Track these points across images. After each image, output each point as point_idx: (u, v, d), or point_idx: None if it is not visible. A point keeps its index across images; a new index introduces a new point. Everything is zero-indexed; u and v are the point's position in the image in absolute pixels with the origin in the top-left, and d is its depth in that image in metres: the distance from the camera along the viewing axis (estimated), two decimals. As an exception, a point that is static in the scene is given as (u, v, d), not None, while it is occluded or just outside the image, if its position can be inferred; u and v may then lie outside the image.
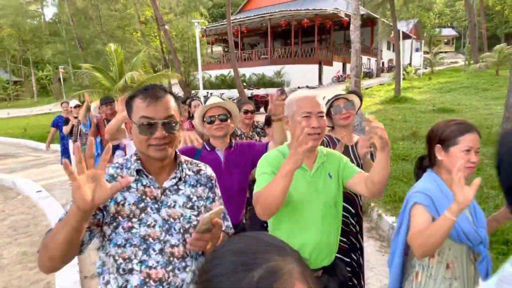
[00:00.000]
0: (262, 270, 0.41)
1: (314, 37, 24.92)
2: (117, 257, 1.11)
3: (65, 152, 6.33)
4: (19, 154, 10.56)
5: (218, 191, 1.37)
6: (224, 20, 21.87)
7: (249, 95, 15.48)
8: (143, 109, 1.13)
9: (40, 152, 10.63)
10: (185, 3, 18.83)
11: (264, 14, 24.68)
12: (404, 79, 18.66)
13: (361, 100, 4.39)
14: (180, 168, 1.24)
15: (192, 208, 1.22)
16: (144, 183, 1.17)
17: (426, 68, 26.58)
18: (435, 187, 1.46)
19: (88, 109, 4.89)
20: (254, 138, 3.47)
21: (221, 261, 0.46)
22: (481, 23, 31.46)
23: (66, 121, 5.89)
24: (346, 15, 21.89)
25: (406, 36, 30.18)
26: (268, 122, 2.97)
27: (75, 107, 5.90)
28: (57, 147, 10.06)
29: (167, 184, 1.20)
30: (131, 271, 1.11)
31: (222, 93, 16.80)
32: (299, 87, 22.72)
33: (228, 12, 15.24)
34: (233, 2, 39.90)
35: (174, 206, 1.18)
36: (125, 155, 4.08)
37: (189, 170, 1.29)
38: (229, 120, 2.04)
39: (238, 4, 37.62)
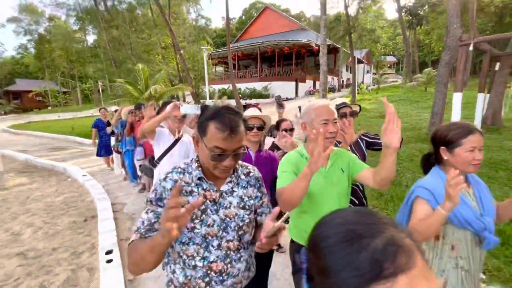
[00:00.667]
0: (383, 239, 0.34)
1: (292, 61, 24.94)
2: (181, 254, 1.02)
3: (102, 148, 6.22)
4: (68, 147, 10.34)
5: (264, 189, 1.21)
6: (225, 47, 21.68)
7: (244, 104, 15.42)
8: (219, 140, 0.93)
9: (84, 146, 10.43)
10: (195, 34, 18.57)
11: (254, 43, 24.57)
12: (358, 93, 18.81)
13: None
14: (236, 174, 1.11)
15: (244, 208, 1.08)
16: (204, 187, 1.03)
17: (374, 85, 26.84)
18: (439, 182, 1.25)
19: (119, 115, 4.99)
20: None
21: (333, 232, 0.38)
22: (414, 52, 31.91)
23: (108, 123, 5.81)
24: (316, 44, 21.93)
25: (360, 61, 30.40)
26: (278, 126, 2.71)
27: (115, 111, 5.88)
28: (95, 141, 9.93)
29: (224, 188, 1.06)
30: (194, 267, 1.01)
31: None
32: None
33: (228, 42, 15.11)
34: (232, 34, 39.63)
35: (230, 207, 1.05)
36: (145, 155, 4.08)
37: (241, 173, 1.14)
38: (263, 130, 1.95)
39: (235, 35, 37.36)
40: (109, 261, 2.68)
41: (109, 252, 2.85)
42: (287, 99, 22.37)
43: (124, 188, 5.18)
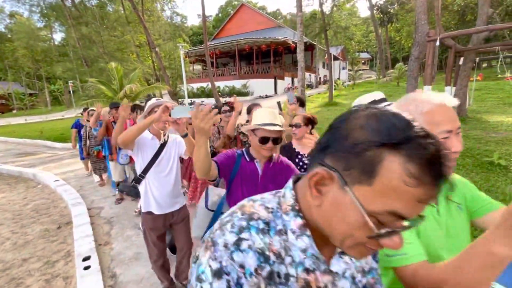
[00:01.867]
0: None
1: (270, 58, 25.03)
2: None
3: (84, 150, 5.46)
4: (37, 152, 9.70)
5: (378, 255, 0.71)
6: (202, 45, 21.32)
7: (224, 102, 15.31)
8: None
9: (55, 150, 9.85)
10: (171, 31, 18.07)
11: (232, 40, 24.37)
12: (335, 89, 19.29)
13: (304, 105, 4.51)
14: None
15: None
16: (307, 266, 0.50)
17: (350, 81, 27.65)
18: None
19: (99, 116, 4.32)
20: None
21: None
22: (386, 49, 33.23)
23: (82, 126, 5.23)
24: (293, 42, 22.18)
25: (335, 58, 31.19)
26: (249, 110, 2.93)
27: (87, 111, 5.18)
28: (75, 142, 9.43)
29: (335, 265, 0.54)
30: None
31: (202, 101, 16.43)
32: (260, 96, 22.82)
33: (205, 39, 14.88)
34: (208, 32, 39.06)
35: None
36: (131, 160, 3.45)
37: None
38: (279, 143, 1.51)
39: (212, 32, 36.90)
40: (86, 267, 2.55)
41: (86, 259, 2.71)
42: (267, 96, 22.48)
43: (101, 191, 4.95)
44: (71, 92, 24.05)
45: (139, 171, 1.98)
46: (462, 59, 7.95)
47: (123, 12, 17.22)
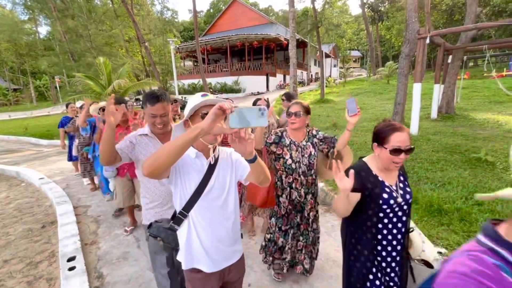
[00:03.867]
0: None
1: (262, 55, 24.92)
2: None
3: (71, 151, 5.10)
4: (21, 149, 9.37)
5: None
6: (193, 41, 21.00)
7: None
8: None
9: (41, 147, 9.54)
10: (161, 26, 17.70)
11: (223, 36, 24.12)
12: (326, 86, 19.37)
13: (291, 100, 4.50)
14: None
15: None
16: None
17: (341, 79, 27.83)
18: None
19: (88, 113, 3.87)
20: None
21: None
22: (377, 47, 33.57)
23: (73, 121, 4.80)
24: (285, 39, 22.14)
25: (327, 56, 31.30)
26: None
27: (80, 107, 4.71)
28: (57, 142, 9.19)
29: None
30: None
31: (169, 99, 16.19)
32: (252, 93, 22.71)
33: (196, 35, 14.63)
34: (199, 27, 38.56)
35: None
36: (119, 172, 3.09)
37: None
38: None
39: (203, 28, 36.44)
40: (71, 268, 2.45)
41: (71, 259, 2.60)
42: (258, 93, 22.41)
43: (87, 189, 4.80)
44: (58, 87, 23.36)
45: (178, 206, 1.23)
46: (450, 57, 8.08)
47: (112, 5, 16.73)
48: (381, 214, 1.33)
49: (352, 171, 1.17)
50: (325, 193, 3.92)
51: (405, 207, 1.36)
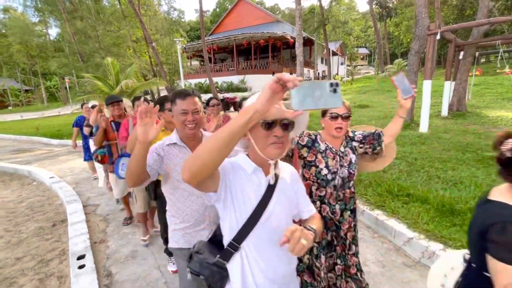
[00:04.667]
0: None
1: (268, 53, 24.83)
2: None
3: (87, 150, 4.96)
4: (32, 148, 9.58)
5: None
6: (200, 40, 21.06)
7: (221, 98, 15.20)
8: None
9: (51, 146, 9.73)
10: (167, 26, 17.82)
11: (230, 36, 24.13)
12: (333, 84, 19.17)
13: None
14: None
15: None
16: None
17: (348, 77, 27.54)
18: None
19: (100, 112, 3.61)
20: None
21: None
22: (385, 44, 33.07)
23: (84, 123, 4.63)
24: (292, 37, 22.02)
25: (334, 53, 31.01)
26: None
27: (92, 107, 4.63)
28: (68, 142, 9.34)
29: None
30: None
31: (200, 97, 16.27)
32: (258, 91, 22.67)
33: (203, 34, 14.66)
34: (206, 27, 38.70)
35: None
36: None
37: None
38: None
39: (210, 28, 36.57)
40: (81, 266, 2.48)
41: (81, 257, 2.64)
42: (265, 92, 22.35)
43: (97, 188, 4.87)
44: (67, 88, 23.78)
45: (228, 234, 0.97)
46: (462, 53, 7.88)
47: (119, 6, 16.91)
48: None
49: None
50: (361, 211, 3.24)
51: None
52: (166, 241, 2.52)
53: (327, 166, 1.62)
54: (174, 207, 1.48)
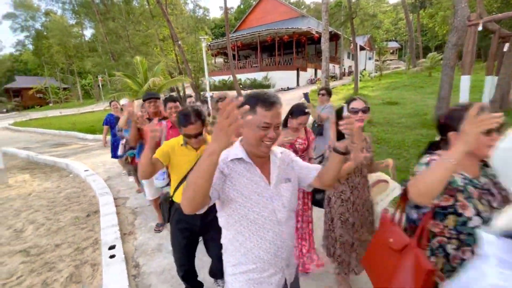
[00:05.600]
0: None
1: (292, 49, 24.51)
2: None
3: (116, 148, 4.84)
4: (70, 143, 10.29)
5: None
6: (224, 38, 21.27)
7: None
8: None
9: (86, 141, 10.39)
10: (193, 24, 18.19)
11: (254, 32, 24.11)
12: (360, 80, 18.51)
13: (330, 95, 4.29)
14: None
15: None
16: None
17: (377, 72, 26.39)
18: None
19: (130, 114, 3.23)
20: None
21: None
22: (418, 37, 31.20)
23: (117, 119, 4.56)
24: (317, 32, 21.50)
25: (362, 48, 29.84)
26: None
27: (123, 105, 4.56)
28: (100, 137, 9.79)
29: None
30: None
31: (225, 93, 16.52)
32: (282, 88, 22.49)
33: (227, 32, 14.80)
34: (230, 24, 38.97)
35: None
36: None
37: None
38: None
39: (234, 25, 36.79)
40: (112, 256, 2.63)
41: (112, 247, 2.79)
42: (288, 89, 22.10)
43: (126, 182, 5.12)
44: (100, 86, 25.20)
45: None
46: (507, 45, 7.21)
47: (148, 6, 17.55)
48: None
49: None
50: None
51: None
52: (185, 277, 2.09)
53: (478, 213, 1.05)
54: (235, 243, 1.11)
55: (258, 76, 23.73)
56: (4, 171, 5.66)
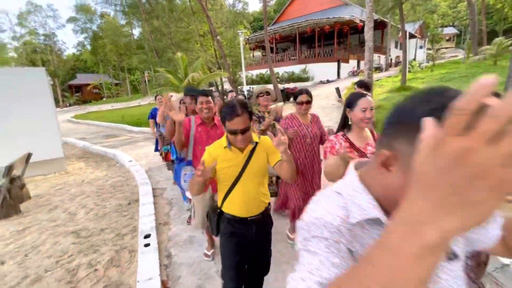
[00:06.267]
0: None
1: (333, 40, 23.41)
2: None
3: (158, 142, 4.91)
4: (119, 134, 11.22)
5: None
6: (262, 31, 21.12)
7: (282, 89, 15.07)
8: None
9: (133, 133, 11.23)
10: (232, 18, 18.39)
11: (293, 24, 23.55)
12: (409, 71, 16.99)
13: (370, 89, 3.99)
14: None
15: None
16: None
17: (428, 62, 23.99)
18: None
19: (170, 109, 3.34)
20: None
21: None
22: (482, 20, 27.48)
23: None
24: (361, 20, 20.22)
25: (412, 36, 27.36)
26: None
27: (158, 101, 4.71)
28: (145, 129, 10.42)
29: None
30: None
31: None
32: (321, 81, 21.70)
33: (265, 25, 14.62)
34: (269, 16, 38.52)
35: None
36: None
37: None
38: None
39: (273, 17, 36.35)
40: (146, 245, 2.78)
41: (147, 236, 2.95)
42: (328, 81, 21.26)
43: (165, 173, 5.40)
44: (146, 81, 27.02)
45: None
46: None
47: (189, 3, 18.16)
48: None
49: None
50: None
51: None
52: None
53: None
54: None
55: (296, 69, 23.24)
56: (63, 159, 6.37)
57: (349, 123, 1.77)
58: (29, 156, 4.84)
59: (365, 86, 3.41)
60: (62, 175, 5.98)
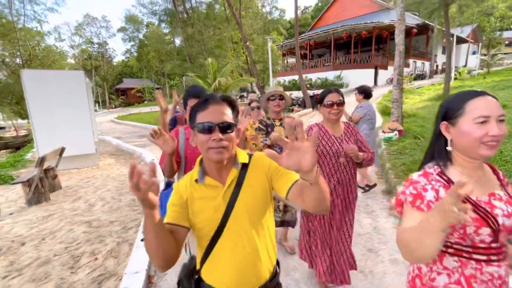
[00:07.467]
0: None
1: (371, 46, 22.51)
2: None
3: None
4: (150, 135, 11.90)
5: None
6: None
7: (311, 95, 14.81)
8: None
9: (163, 134, 11.84)
10: (263, 26, 18.70)
11: (328, 29, 23.14)
12: (455, 79, 15.56)
13: (368, 95, 3.97)
14: None
15: None
16: None
17: (482, 69, 21.78)
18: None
19: (175, 108, 3.52)
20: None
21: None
22: (550, 22, 24.27)
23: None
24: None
25: (463, 41, 25.15)
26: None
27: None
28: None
29: None
30: None
31: (291, 93, 16.36)
32: (356, 88, 20.91)
33: (296, 31, 14.59)
34: (307, 23, 38.31)
35: None
36: None
37: None
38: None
39: (310, 24, 36.15)
40: (143, 239, 2.88)
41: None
42: (363, 89, 20.40)
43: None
44: (184, 85, 28.50)
45: None
46: None
47: (224, 10, 18.92)
48: None
49: None
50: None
51: None
52: None
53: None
54: None
55: (330, 75, 22.72)
56: (96, 155, 6.95)
57: (448, 148, 0.93)
58: (62, 150, 5.37)
59: (365, 92, 3.26)
60: (94, 169, 6.52)
